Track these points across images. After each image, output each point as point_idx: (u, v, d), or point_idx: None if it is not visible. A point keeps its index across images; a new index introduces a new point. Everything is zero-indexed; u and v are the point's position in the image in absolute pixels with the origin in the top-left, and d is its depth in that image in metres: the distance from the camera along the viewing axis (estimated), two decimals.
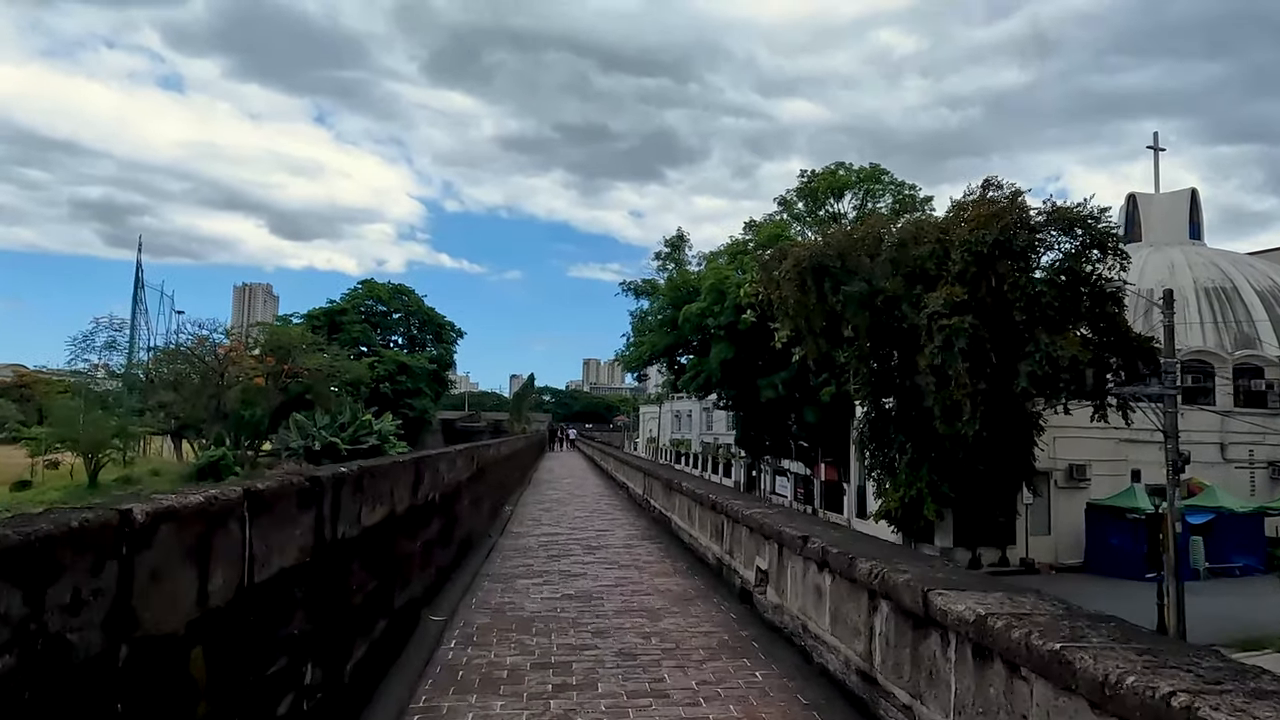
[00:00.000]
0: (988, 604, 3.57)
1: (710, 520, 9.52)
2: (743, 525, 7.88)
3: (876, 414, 29.56)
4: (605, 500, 20.27)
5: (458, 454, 9.41)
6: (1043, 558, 29.82)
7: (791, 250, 28.29)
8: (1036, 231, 22.99)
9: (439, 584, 8.31)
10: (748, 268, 39.37)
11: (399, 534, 6.13)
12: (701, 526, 10.20)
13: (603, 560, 10.97)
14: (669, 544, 12.35)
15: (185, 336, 50.05)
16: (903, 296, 25.67)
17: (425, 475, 7.10)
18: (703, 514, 10.12)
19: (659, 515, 14.28)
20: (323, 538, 4.06)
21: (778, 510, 7.62)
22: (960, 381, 22.95)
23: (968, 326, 22.76)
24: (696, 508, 10.54)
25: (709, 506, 9.44)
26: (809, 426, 38.32)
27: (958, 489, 26.89)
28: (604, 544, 12.57)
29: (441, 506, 8.14)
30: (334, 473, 4.29)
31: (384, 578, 5.58)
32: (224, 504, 2.93)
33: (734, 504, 8.25)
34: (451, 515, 9.01)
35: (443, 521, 8.30)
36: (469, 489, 10.78)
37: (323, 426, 48.16)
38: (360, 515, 4.84)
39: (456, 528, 9.58)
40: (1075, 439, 30.22)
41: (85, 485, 39.56)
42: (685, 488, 11.27)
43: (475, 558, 10.76)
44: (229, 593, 2.94)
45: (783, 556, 6.67)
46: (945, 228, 25.76)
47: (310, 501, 3.89)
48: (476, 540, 11.85)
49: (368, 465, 5.14)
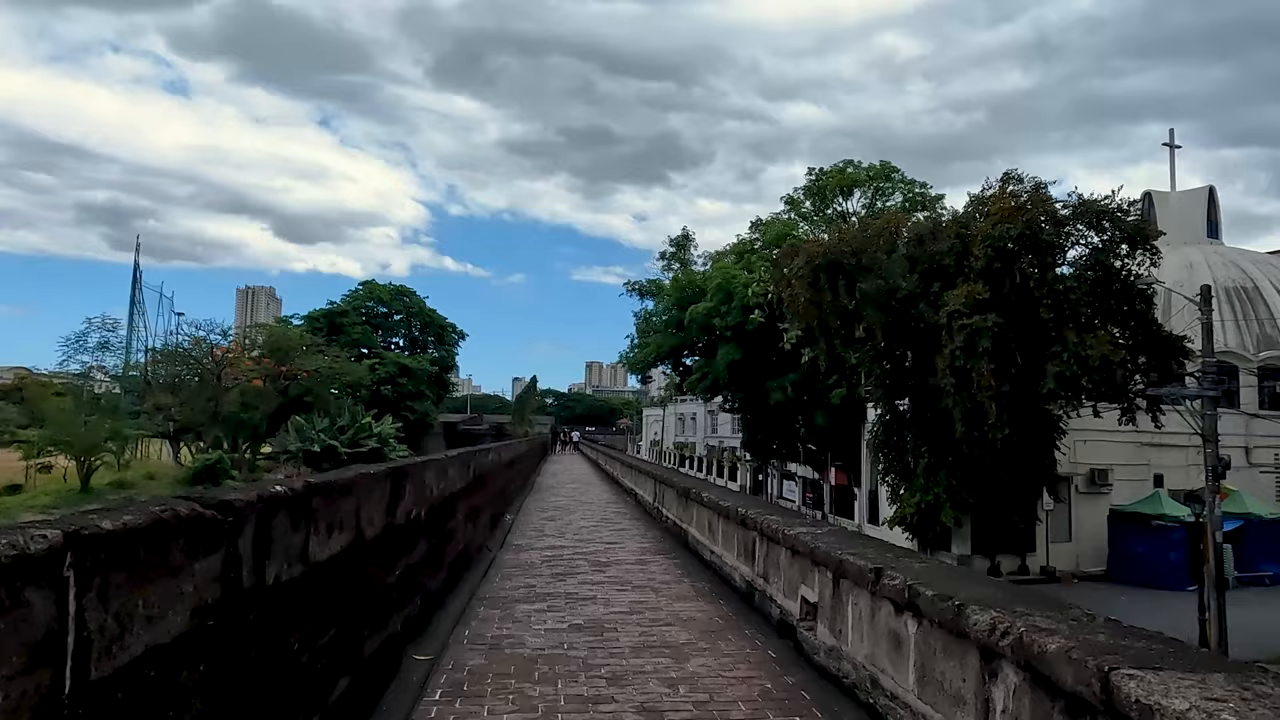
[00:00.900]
0: (1222, 699, 2.34)
1: (739, 537, 8.28)
2: (783, 547, 6.63)
3: (891, 417, 28.31)
4: (612, 508, 18.99)
5: (450, 461, 8.15)
6: (1063, 566, 28.52)
7: (804, 247, 27.06)
8: (1063, 225, 21.75)
9: (427, 613, 7.06)
10: (755, 267, 38.15)
11: (370, 564, 4.90)
12: (726, 543, 8.95)
13: (614, 580, 9.72)
14: (686, 560, 11.09)
15: (182, 338, 48.87)
16: (920, 294, 24.48)
17: (406, 489, 5.87)
18: (727, 528, 8.88)
19: (673, 526, 13.03)
20: (237, 587, 2.84)
21: (829, 530, 6.36)
22: (984, 383, 21.71)
23: (991, 325, 21.53)
24: (719, 521, 9.30)
25: (737, 521, 8.19)
26: (818, 430, 37.04)
27: (976, 494, 25.67)
28: (614, 559, 11.31)
29: (429, 524, 6.91)
30: (259, 495, 3.06)
31: (347, 622, 4.35)
32: (18, 563, 1.70)
33: (770, 520, 6.99)
34: (442, 533, 7.78)
35: (431, 541, 7.06)
36: (465, 500, 9.55)
37: (321, 429, 46.89)
38: (307, 548, 3.62)
39: (449, 546, 8.34)
40: (1096, 443, 28.98)
41: (77, 490, 38.33)
42: (706, 499, 10.00)
43: (472, 576, 9.52)
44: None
45: (840, 589, 5.42)
46: (964, 223, 24.56)
47: (214, 540, 2.67)
48: (474, 555, 10.60)
49: (320, 481, 3.90)
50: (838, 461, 38.32)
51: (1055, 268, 22.35)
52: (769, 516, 7.26)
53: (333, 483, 4.06)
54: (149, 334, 54.48)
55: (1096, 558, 29.03)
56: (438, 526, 7.52)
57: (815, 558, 5.78)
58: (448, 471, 7.90)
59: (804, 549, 6.02)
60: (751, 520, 7.51)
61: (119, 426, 40.31)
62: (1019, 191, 23.80)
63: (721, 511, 8.92)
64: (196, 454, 47.21)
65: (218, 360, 45.88)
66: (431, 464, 7.11)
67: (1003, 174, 25.05)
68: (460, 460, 9.01)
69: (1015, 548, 28.19)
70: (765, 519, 7.16)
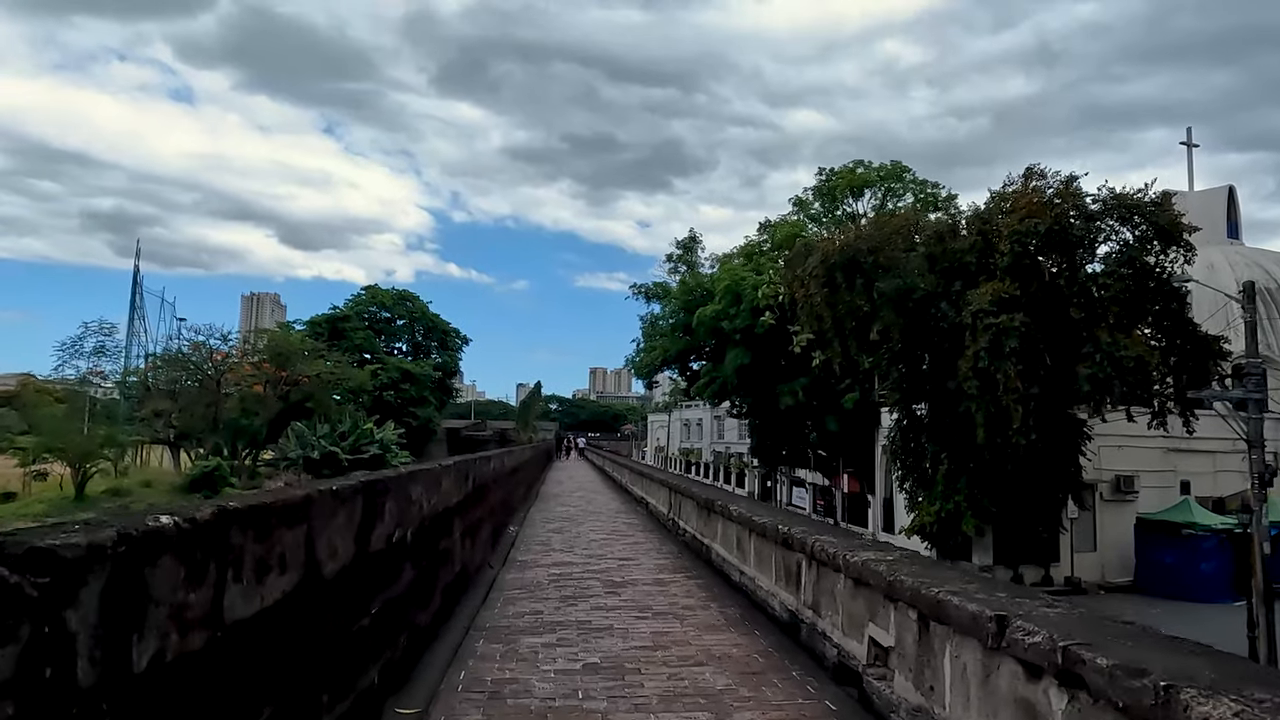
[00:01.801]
0: None
1: (778, 558, 7.09)
2: (842, 574, 5.45)
3: (909, 422, 27.09)
4: (623, 518, 17.74)
5: (444, 472, 6.95)
6: (1089, 576, 27.29)
7: (819, 245, 25.89)
8: (1093, 220, 20.56)
9: (415, 652, 5.89)
10: (764, 268, 37.04)
11: (332, 608, 3.74)
12: (761, 564, 7.77)
13: (631, 604, 8.53)
14: (709, 580, 9.90)
15: (181, 343, 47.73)
16: (941, 294, 23.33)
17: (385, 509, 4.70)
18: (763, 547, 7.70)
19: (692, 540, 11.84)
20: (61, 691, 1.70)
21: (903, 557, 5.16)
22: (1010, 386, 20.50)
23: (1019, 325, 20.33)
24: (751, 538, 8.11)
25: (777, 541, 6.99)
26: (830, 435, 35.82)
27: (999, 502, 24.49)
28: (629, 578, 10.11)
29: (417, 547, 5.75)
30: (121, 532, 1.90)
31: (293, 693, 3.20)
32: None
33: (823, 542, 5.80)
34: (435, 555, 6.61)
35: (421, 567, 5.89)
36: (463, 515, 8.39)
37: (322, 435, 45.71)
38: (220, 603, 2.48)
39: (444, 569, 7.17)
40: (1121, 448, 27.73)
41: (72, 498, 37.20)
42: (735, 513, 8.78)
43: (470, 601, 8.34)
44: None
45: (930, 634, 4.25)
46: (986, 219, 23.40)
47: (8, 621, 1.54)
48: (473, 576, 9.44)
49: (245, 506, 2.72)
50: (850, 468, 37.09)
51: (1085, 265, 21.19)
52: (820, 537, 6.07)
53: (268, 507, 2.90)
54: (149, 339, 53.35)
55: (1122, 568, 27.79)
56: (429, 548, 6.35)
57: (893, 592, 4.60)
58: (441, 484, 6.73)
59: (875, 580, 4.84)
60: (797, 541, 6.32)
61: (114, 433, 39.18)
62: (1042, 187, 22.68)
63: (756, 528, 7.73)
64: (196, 460, 46.09)
65: (217, 365, 44.74)
66: (421, 475, 5.93)
67: (1025, 169, 23.93)
68: (457, 470, 7.83)
69: (1038, 558, 26.99)
70: (816, 540, 5.97)
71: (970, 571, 4.71)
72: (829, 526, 8.14)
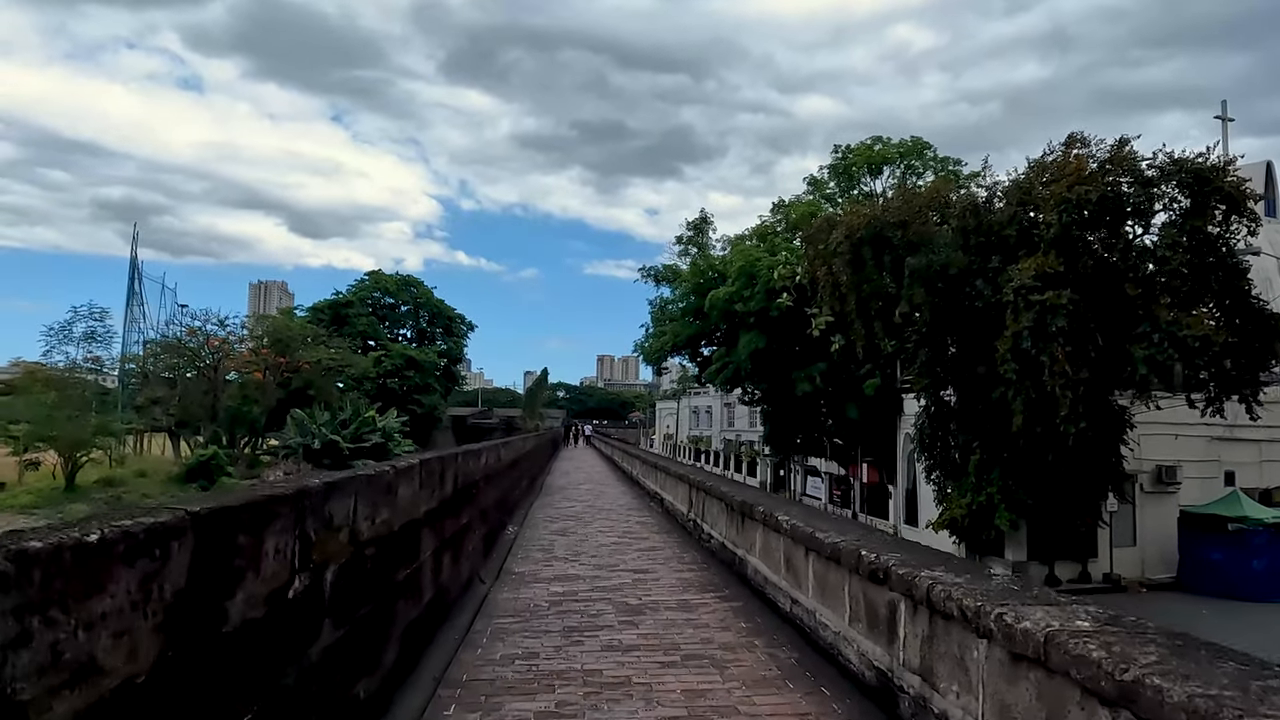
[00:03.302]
0: None
1: (859, 593, 5.12)
2: (986, 641, 3.51)
3: (936, 408, 25.06)
4: (635, 517, 15.73)
5: (402, 475, 4.93)
6: (1128, 573, 25.28)
7: (843, 219, 23.78)
8: (1150, 186, 18.45)
9: None
10: (780, 248, 34.98)
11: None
12: (827, 596, 5.78)
13: (653, 641, 6.57)
14: (747, 601, 7.94)
15: (178, 328, 45.85)
16: (977, 270, 21.28)
17: (266, 552, 2.78)
18: (827, 573, 5.73)
19: (719, 549, 9.88)
20: None
21: (1121, 623, 3.18)
22: (1058, 369, 18.46)
23: (1067, 302, 18.28)
24: (810, 559, 6.14)
25: (860, 572, 4.99)
26: (849, 423, 33.82)
27: (1035, 494, 22.54)
28: (647, 599, 8.16)
29: (349, 591, 3.83)
30: None
31: None
32: None
33: (944, 584, 3.84)
34: (385, 593, 4.68)
35: (353, 621, 3.95)
36: (437, 527, 6.46)
37: (322, 424, 43.94)
38: None
39: (403, 606, 5.23)
40: (1162, 437, 25.67)
41: (63, 488, 35.51)
42: (785, 524, 6.74)
43: (446, 636, 6.42)
44: None
45: None
46: (1026, 189, 21.31)
47: None
48: (457, 597, 7.52)
49: None
50: (869, 457, 35.10)
51: (1141, 236, 19.11)
52: (934, 574, 4.11)
53: None
54: (148, 326, 51.57)
55: (1163, 564, 25.78)
56: (377, 585, 4.43)
57: (1132, 698, 2.64)
58: (395, 492, 4.80)
59: (1084, 673, 2.87)
60: (897, 577, 4.36)
61: (106, 421, 37.42)
62: (1085, 155, 20.58)
63: (821, 549, 5.71)
64: (195, 450, 44.40)
65: (214, 351, 42.92)
66: (354, 484, 3.96)
67: (1066, 136, 21.80)
68: (427, 470, 5.87)
69: (1075, 553, 25.03)
70: (929, 580, 4.01)
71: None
72: (940, 555, 5.99)
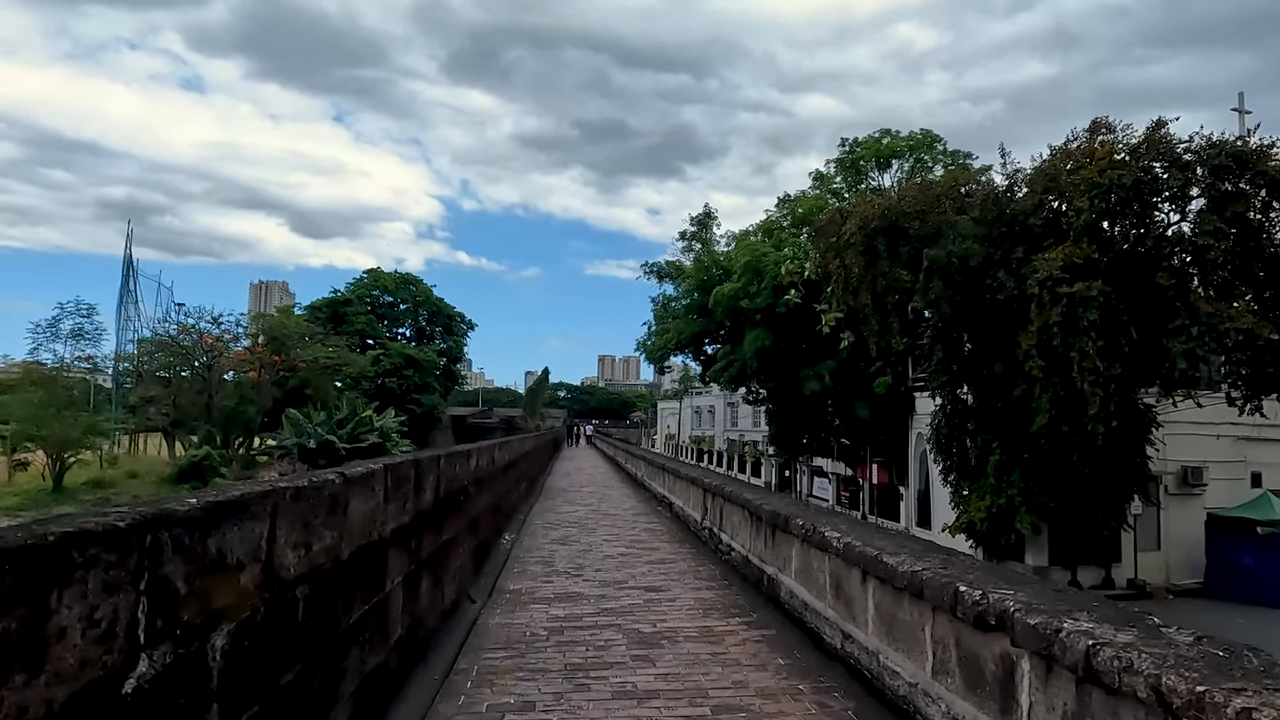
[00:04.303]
0: None
1: (948, 638, 3.91)
2: None
3: (953, 407, 23.86)
4: (643, 523, 14.48)
5: (354, 485, 3.63)
6: (1153, 578, 24.09)
7: (856, 210, 22.57)
8: (1187, 170, 17.25)
9: None
10: (787, 243, 33.79)
11: None
12: (896, 635, 4.56)
13: (675, 685, 5.35)
14: (780, 628, 6.73)
15: (170, 326, 44.61)
16: (1000, 261, 20.10)
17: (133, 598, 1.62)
18: (897, 606, 4.51)
19: (742, 563, 8.66)
20: None
21: None
22: (1088, 365, 17.26)
23: (1098, 294, 17.09)
24: (869, 586, 4.93)
25: (969, 619, 3.77)
26: (858, 423, 32.61)
27: (1057, 497, 21.38)
28: (664, 626, 6.95)
29: (263, 651, 2.64)
30: None
31: None
32: None
33: (1113, 644, 2.67)
34: (336, 643, 3.50)
35: (267, 702, 2.77)
36: (411, 546, 5.27)
37: (319, 423, 42.73)
38: None
39: (356, 655, 4.04)
40: (1188, 436, 24.49)
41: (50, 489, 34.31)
42: (835, 541, 5.44)
43: (420, 684, 5.23)
44: None
45: None
46: (1052, 176, 20.13)
47: None
48: (436, 626, 6.32)
49: None
50: (879, 457, 33.88)
51: (1178, 223, 17.93)
52: (1081, 623, 2.93)
53: None
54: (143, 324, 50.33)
55: (1189, 569, 24.60)
56: (312, 635, 3.25)
57: None
58: (345, 507, 3.59)
59: None
60: (1024, 628, 3.15)
61: (95, 421, 36.20)
62: (1111, 141, 19.41)
63: (895, 579, 4.42)
64: (190, 449, 43.19)
65: (207, 349, 41.69)
66: (258, 506, 2.75)
67: (1090, 122, 20.66)
68: (396, 477, 4.66)
69: (1098, 558, 23.85)
70: (1087, 639, 2.83)
71: None
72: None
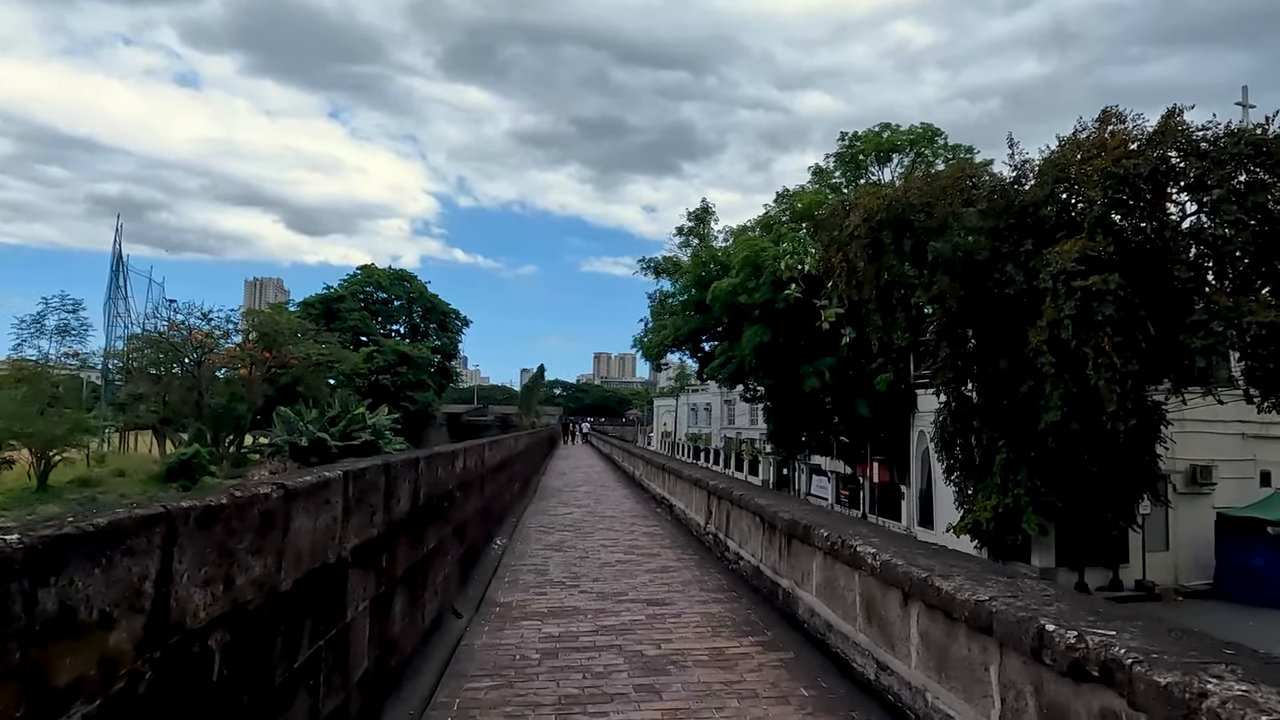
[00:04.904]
0: None
1: (1034, 687, 3.16)
2: None
3: (958, 404, 23.19)
4: (641, 526, 13.71)
5: (299, 499, 2.93)
6: (1161, 580, 23.48)
7: (860, 201, 21.84)
8: (1207, 159, 16.57)
9: None
10: (786, 238, 33.08)
11: None
12: (948, 673, 3.82)
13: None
14: (800, 649, 6.00)
15: (159, 322, 43.69)
16: (1008, 255, 19.44)
17: None
18: (950, 640, 3.79)
19: (752, 574, 7.94)
20: None
21: None
22: (1103, 361, 16.60)
23: (1114, 288, 16.42)
24: (914, 611, 4.17)
25: (1060, 667, 3.05)
26: (859, 420, 31.93)
27: (1065, 497, 20.75)
28: (671, 648, 6.21)
29: None
30: None
31: None
32: None
33: None
34: (275, 694, 2.78)
35: None
36: (381, 566, 4.53)
37: (311, 421, 41.89)
38: None
39: (305, 704, 3.32)
40: (1196, 434, 23.87)
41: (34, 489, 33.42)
42: (871, 559, 4.61)
43: (394, 710, 4.50)
44: None
45: None
46: (1062, 166, 19.46)
47: None
48: (415, 649, 5.58)
49: None
50: (879, 456, 33.22)
51: (1196, 214, 17.26)
52: (1228, 681, 2.24)
53: None
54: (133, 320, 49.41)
55: (1198, 570, 23.99)
56: (236, 691, 2.53)
57: None
58: (276, 529, 2.86)
59: None
60: (1149, 687, 2.47)
61: (80, 418, 35.30)
62: (1122, 131, 18.74)
63: (954, 609, 3.69)
64: (178, 448, 42.32)
65: (196, 345, 40.81)
66: (142, 533, 2.01)
67: (1100, 112, 19.97)
68: (363, 487, 3.94)
69: (1105, 559, 23.24)
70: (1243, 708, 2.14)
71: None
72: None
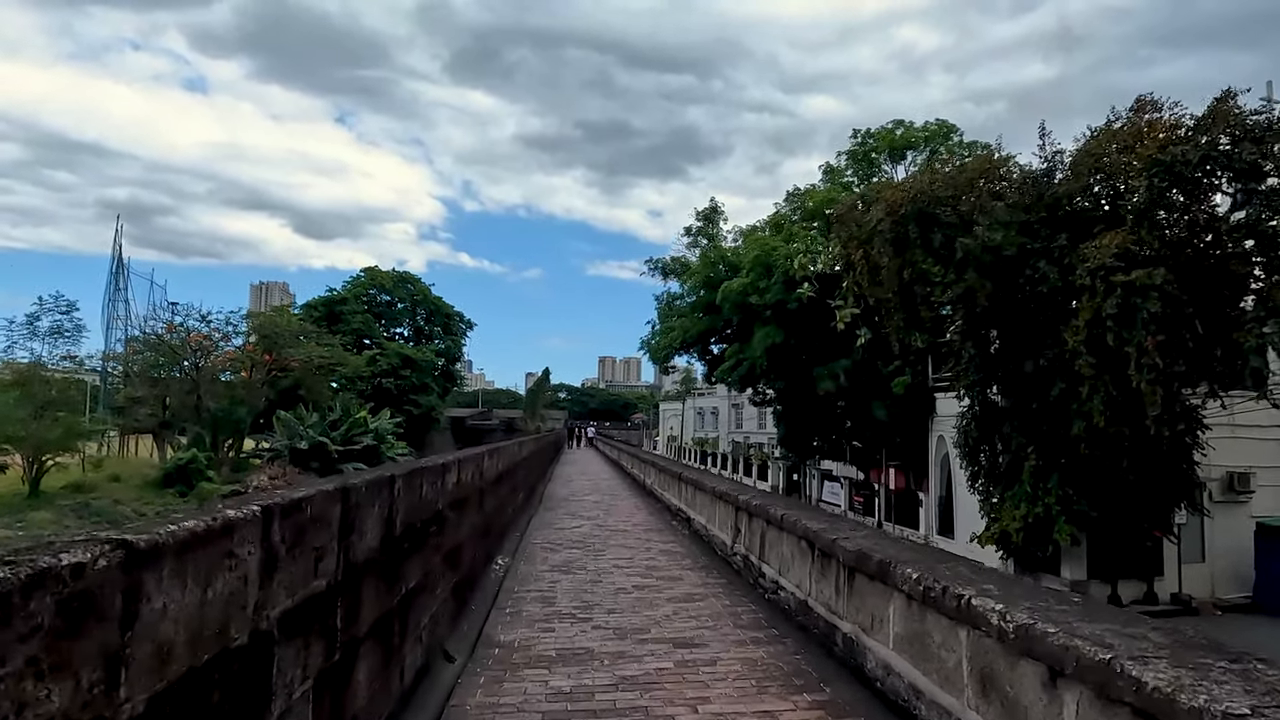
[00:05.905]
0: None
1: None
2: None
3: (983, 409, 21.95)
4: (658, 542, 12.40)
5: (146, 563, 1.84)
6: (1197, 592, 22.18)
7: (883, 195, 20.67)
8: (1264, 144, 15.39)
9: None
10: (798, 237, 31.93)
11: None
12: None
13: None
14: (871, 713, 4.86)
15: (157, 324, 42.67)
16: (1041, 250, 18.24)
17: None
18: None
19: (797, 607, 6.74)
20: None
21: None
22: (1147, 362, 15.39)
23: (1160, 283, 15.23)
24: (1092, 708, 3.08)
25: None
26: (873, 424, 30.72)
27: (1098, 505, 19.49)
28: (712, 716, 5.04)
29: None
30: None
31: None
32: None
33: None
34: None
35: None
36: (325, 630, 3.41)
37: (311, 424, 40.82)
38: None
39: None
40: (1233, 440, 22.60)
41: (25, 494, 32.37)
42: (996, 620, 3.51)
43: None
44: None
45: None
46: (1099, 155, 18.29)
47: None
48: (398, 709, 4.42)
49: None
50: (895, 461, 31.97)
51: (1246, 203, 16.07)
52: None
53: None
54: (133, 323, 48.42)
55: (1236, 581, 22.67)
56: None
57: None
58: (114, 618, 1.73)
59: None
60: None
61: (74, 422, 34.24)
62: (1158, 119, 17.56)
63: None
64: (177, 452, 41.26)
65: (194, 348, 39.75)
66: None
67: (1135, 100, 18.78)
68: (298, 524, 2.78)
69: (1139, 570, 21.94)
70: None
71: None
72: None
